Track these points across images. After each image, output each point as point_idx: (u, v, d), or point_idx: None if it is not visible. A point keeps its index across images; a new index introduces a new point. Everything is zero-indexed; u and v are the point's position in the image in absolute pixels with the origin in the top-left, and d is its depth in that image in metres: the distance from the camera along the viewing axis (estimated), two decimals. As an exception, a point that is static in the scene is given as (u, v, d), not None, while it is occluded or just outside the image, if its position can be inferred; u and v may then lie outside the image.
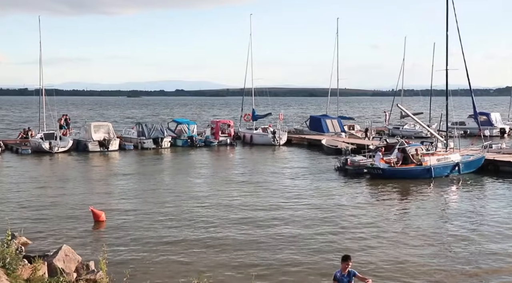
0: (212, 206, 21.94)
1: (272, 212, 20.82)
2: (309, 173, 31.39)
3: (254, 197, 23.83)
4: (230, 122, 53.96)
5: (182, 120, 54.33)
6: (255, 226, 18.60)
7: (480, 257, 15.12)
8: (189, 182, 28.53)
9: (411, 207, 22.51)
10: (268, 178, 29.63)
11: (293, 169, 33.28)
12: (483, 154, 31.55)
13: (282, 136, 48.71)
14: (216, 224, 18.91)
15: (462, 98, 70.73)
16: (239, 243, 16.48)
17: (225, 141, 48.59)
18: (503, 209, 21.46)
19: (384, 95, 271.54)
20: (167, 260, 14.90)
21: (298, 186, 26.98)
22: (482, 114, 54.05)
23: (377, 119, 78.49)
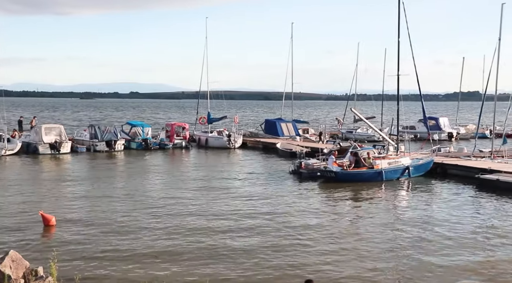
0: (166, 211, 21.58)
1: (226, 218, 20.67)
2: (263, 177, 31.53)
3: (209, 202, 23.54)
4: (185, 125, 53.62)
5: (137, 122, 53.54)
6: (209, 233, 18.13)
7: (430, 258, 15.57)
8: (142, 186, 28.07)
9: (362, 210, 22.94)
10: (223, 182, 29.59)
11: (248, 173, 33.35)
12: (432, 158, 32.57)
13: (237, 139, 48.80)
14: (170, 232, 18.62)
15: (412, 103, 72.91)
16: (191, 253, 15.92)
17: (180, 144, 48.24)
18: (451, 211, 22.18)
19: (338, 99, 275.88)
20: (118, 267, 14.58)
21: (252, 190, 27.05)
22: (431, 118, 55.81)
23: (331, 123, 79.75)
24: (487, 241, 17.60)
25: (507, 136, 41.18)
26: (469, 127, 64.02)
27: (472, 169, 30.09)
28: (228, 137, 48.79)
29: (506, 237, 17.95)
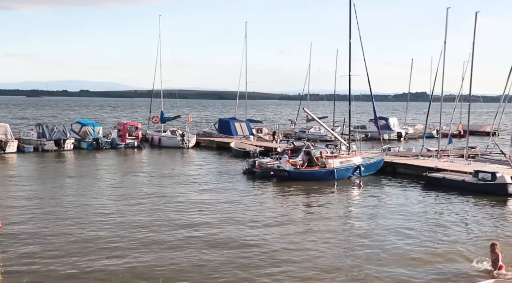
0: (118, 215, 21.16)
1: (179, 217, 20.53)
2: (217, 176, 31.45)
3: (161, 203, 23.23)
4: (138, 124, 52.81)
5: (87, 121, 52.29)
6: (159, 235, 17.74)
7: (381, 253, 15.93)
8: (91, 187, 27.37)
9: (315, 208, 23.25)
10: (176, 182, 29.32)
11: (201, 172, 33.19)
12: (382, 157, 33.37)
13: (191, 138, 48.47)
14: (118, 234, 18.35)
15: (363, 103, 74.43)
16: (140, 255, 15.51)
17: (132, 144, 47.44)
18: (400, 208, 22.80)
19: (291, 99, 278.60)
20: (64, 271, 14.12)
21: (206, 189, 26.93)
22: (381, 118, 57.15)
23: (284, 122, 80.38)
24: (433, 235, 18.22)
25: (453, 136, 42.72)
26: (417, 127, 65.98)
27: (420, 168, 31.01)
28: (181, 136, 48.39)
29: (450, 232, 18.61)
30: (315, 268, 14.55)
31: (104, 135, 48.39)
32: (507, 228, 19.47)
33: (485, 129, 60.24)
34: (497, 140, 39.30)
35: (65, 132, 44.46)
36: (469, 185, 26.44)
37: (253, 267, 14.58)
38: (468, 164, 31.97)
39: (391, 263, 14.98)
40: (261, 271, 14.22)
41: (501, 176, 25.76)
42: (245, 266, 14.61)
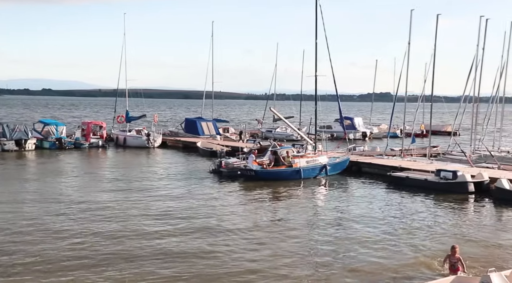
0: (83, 216, 20.74)
1: (145, 219, 20.29)
2: (184, 176, 31.24)
3: (125, 204, 22.84)
4: (103, 123, 51.99)
5: (50, 121, 51.16)
6: (123, 238, 17.33)
7: (346, 250, 16.13)
8: (54, 189, 26.74)
9: (281, 208, 23.35)
10: (141, 183, 28.97)
11: (167, 172, 32.92)
12: (348, 156, 33.79)
13: (156, 138, 48.06)
14: (83, 236, 18.00)
15: (329, 103, 75.18)
16: (102, 261, 15.03)
17: (96, 143, 46.68)
18: (365, 206, 23.14)
19: (257, 99, 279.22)
20: (22, 277, 13.71)
21: (172, 190, 26.73)
22: (346, 118, 57.87)
23: (251, 122, 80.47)
24: (396, 231, 18.58)
25: (416, 136, 43.57)
26: (382, 127, 67.14)
27: (384, 167, 31.54)
28: (147, 136, 47.93)
29: (411, 231, 18.95)
30: (281, 269, 14.60)
31: (67, 134, 47.48)
32: (467, 226, 19.99)
33: (447, 129, 61.70)
34: (458, 140, 40.31)
35: (26, 132, 43.40)
36: (432, 184, 27.05)
37: (219, 268, 14.53)
38: (430, 163, 32.68)
39: (353, 263, 15.13)
40: (226, 271, 14.19)
41: (461, 175, 26.45)
42: (210, 268, 14.55)
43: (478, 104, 37.50)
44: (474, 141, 37.23)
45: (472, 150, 36.29)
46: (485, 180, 26.46)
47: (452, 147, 38.54)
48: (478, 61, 36.28)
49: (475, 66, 36.31)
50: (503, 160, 33.65)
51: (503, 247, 16.94)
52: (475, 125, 37.30)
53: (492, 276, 10.66)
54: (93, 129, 48.84)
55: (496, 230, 19.37)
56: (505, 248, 16.75)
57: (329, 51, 34.07)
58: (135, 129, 51.38)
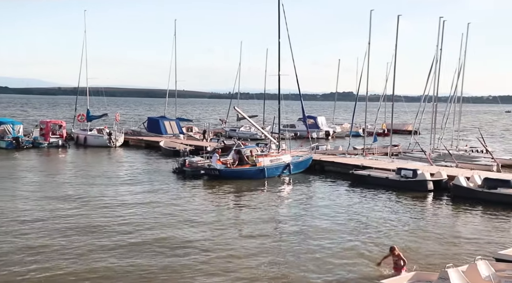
0: (34, 220, 19.95)
1: (106, 222, 19.82)
2: (146, 176, 30.85)
3: (85, 206, 22.24)
4: (62, 122, 50.78)
5: (6, 119, 49.62)
6: (81, 238, 17.12)
7: (309, 246, 16.23)
8: (8, 190, 25.80)
9: (245, 207, 23.31)
10: (103, 183, 28.42)
11: (130, 172, 32.42)
12: (311, 155, 34.06)
13: (118, 137, 47.32)
14: (37, 238, 17.54)
15: (292, 102, 75.66)
16: (61, 264, 14.61)
17: (56, 143, 45.55)
18: (328, 204, 23.37)
19: (221, 98, 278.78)
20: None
21: (134, 189, 26.34)
22: (310, 117, 58.35)
23: (215, 121, 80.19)
24: (357, 227, 18.91)
25: (377, 135, 44.31)
26: (344, 126, 67.98)
27: (346, 165, 31.92)
28: (108, 135, 47.12)
29: (372, 224, 19.38)
30: (245, 267, 14.58)
31: (25, 133, 46.17)
32: (426, 223, 20.44)
33: (407, 128, 63.02)
34: (418, 139, 41.21)
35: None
36: (392, 182, 27.54)
37: (181, 269, 14.39)
38: (391, 161, 33.30)
39: (312, 261, 15.20)
40: (188, 274, 14.06)
41: (421, 173, 27.03)
42: (170, 268, 14.40)
43: (437, 103, 38.44)
44: (433, 140, 38.16)
45: (431, 149, 37.18)
46: (443, 178, 27.12)
47: (413, 146, 39.39)
48: (437, 62, 37.22)
49: (435, 67, 37.25)
50: (460, 158, 34.61)
51: (461, 243, 17.38)
52: (434, 124, 38.23)
53: (450, 272, 10.90)
54: (53, 128, 47.66)
55: (453, 227, 19.88)
56: (463, 244, 17.20)
57: (291, 50, 34.29)
58: (96, 128, 50.42)
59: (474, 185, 25.17)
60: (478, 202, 23.59)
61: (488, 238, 18.00)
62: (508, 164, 34.92)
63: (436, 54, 37.16)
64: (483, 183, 24.82)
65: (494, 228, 19.63)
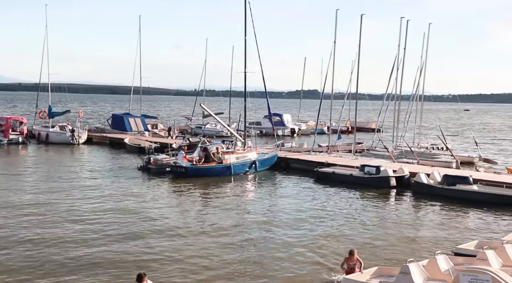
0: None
1: (67, 221, 19.45)
2: (111, 173, 30.45)
3: (46, 206, 21.66)
4: (23, 119, 49.62)
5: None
6: (43, 244, 16.33)
7: (275, 241, 16.38)
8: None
9: (212, 204, 23.32)
10: (64, 181, 27.88)
11: (93, 170, 31.93)
12: (276, 152, 34.28)
13: (81, 134, 46.56)
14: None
15: (258, 100, 75.86)
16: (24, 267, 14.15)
17: (16, 140, 44.48)
18: (293, 201, 23.61)
19: (187, 95, 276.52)
20: None
21: (98, 188, 25.94)
22: (275, 115, 58.68)
23: (180, 118, 79.64)
24: (320, 224, 19.16)
25: (342, 132, 44.94)
26: (310, 124, 68.61)
27: (311, 163, 32.28)
28: (71, 132, 46.28)
29: (336, 221, 19.71)
30: (209, 267, 14.61)
31: (-17, 130, 44.85)
32: (388, 219, 20.88)
33: (371, 125, 64.07)
34: (381, 136, 41.96)
35: None
36: (356, 178, 28.01)
37: (146, 269, 14.31)
38: (355, 159, 33.85)
39: (275, 257, 15.34)
40: (155, 273, 14.00)
41: (384, 170, 27.58)
42: (136, 269, 14.31)
43: (400, 102, 39.28)
44: (396, 138, 38.97)
45: (394, 146, 37.99)
46: (405, 174, 27.73)
47: (376, 143, 40.13)
48: (399, 61, 38.04)
49: (397, 66, 38.05)
50: (422, 155, 35.49)
51: (421, 238, 17.85)
52: (397, 122, 39.03)
53: (411, 266, 11.20)
54: (13, 124, 46.50)
55: (415, 223, 20.38)
56: (423, 239, 17.66)
57: (258, 48, 34.39)
58: (58, 125, 49.42)
59: (434, 182, 25.86)
60: (438, 198, 24.25)
61: (447, 233, 18.55)
62: (467, 161, 36.02)
63: (399, 54, 37.98)
64: (442, 180, 25.51)
65: (453, 223, 20.23)
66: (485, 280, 10.47)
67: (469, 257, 12.99)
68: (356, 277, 12.12)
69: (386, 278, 11.99)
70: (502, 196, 23.50)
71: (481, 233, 18.62)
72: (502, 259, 12.37)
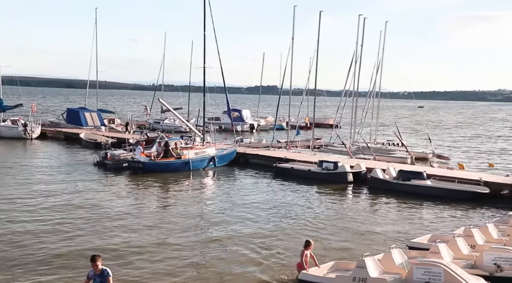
0: None
1: (19, 218, 18.87)
2: (65, 169, 29.70)
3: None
4: (-28, 112, 47.68)
5: None
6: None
7: (234, 237, 16.36)
8: None
9: (170, 201, 23.12)
10: (16, 176, 26.95)
11: (47, 165, 31.07)
12: (235, 148, 34.25)
13: (35, 129, 45.21)
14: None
15: (217, 95, 75.57)
16: None
17: (-36, 134, 42.78)
18: (251, 196, 23.65)
19: (145, 89, 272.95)
20: None
21: (52, 184, 25.24)
22: (234, 110, 58.54)
23: (138, 113, 78.42)
24: (278, 219, 19.21)
25: (300, 128, 45.32)
26: (269, 119, 68.86)
27: (270, 158, 32.41)
28: (24, 126, 44.86)
29: (293, 215, 19.80)
30: (169, 259, 14.48)
31: None
32: (344, 214, 21.21)
33: (329, 121, 64.88)
34: (339, 132, 42.57)
35: None
36: (315, 174, 28.32)
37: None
38: (313, 154, 34.20)
39: (233, 253, 15.36)
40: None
41: (341, 166, 27.99)
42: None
43: (357, 98, 39.90)
44: (353, 134, 39.59)
45: (351, 142, 38.58)
46: (362, 170, 28.23)
47: (334, 139, 40.65)
48: (357, 58, 38.61)
49: (355, 62, 38.61)
50: (378, 151, 36.19)
51: (377, 232, 18.21)
52: (354, 118, 39.66)
53: (367, 260, 11.41)
54: (-39, 118, 44.72)
55: (370, 217, 20.75)
56: (379, 234, 18.02)
57: (217, 43, 34.18)
58: (10, 119, 47.82)
59: (389, 177, 26.42)
60: (393, 193, 24.79)
61: (402, 228, 18.99)
62: (421, 157, 36.97)
63: (356, 51, 38.56)
64: (398, 175, 26.10)
65: (407, 218, 20.74)
66: (437, 272, 10.77)
67: (422, 251, 13.34)
68: (313, 272, 12.24)
69: (343, 272, 12.17)
70: (454, 191, 24.25)
71: (434, 227, 19.17)
72: (453, 252, 12.75)
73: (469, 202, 23.16)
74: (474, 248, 13.39)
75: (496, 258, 11.92)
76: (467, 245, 13.30)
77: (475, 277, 11.10)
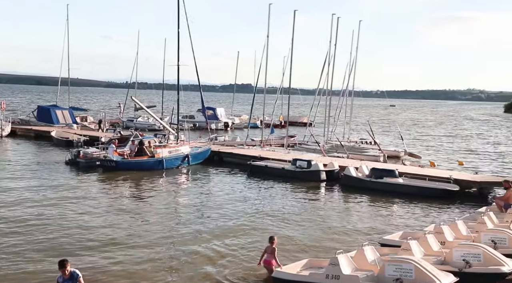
0: None
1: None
2: (36, 167, 29.17)
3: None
4: None
5: None
6: None
7: (205, 235, 16.32)
8: None
9: (143, 199, 22.89)
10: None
11: (17, 163, 30.45)
12: (210, 146, 34.17)
13: (4, 127, 44.33)
14: None
15: (192, 93, 75.23)
16: None
17: None
18: (226, 195, 23.62)
19: (118, 87, 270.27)
20: None
21: (22, 183, 24.77)
22: (209, 108, 58.46)
23: (111, 111, 77.52)
24: (252, 217, 19.27)
25: (275, 126, 45.48)
26: (243, 118, 68.93)
27: (244, 156, 32.42)
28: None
29: (267, 214, 19.87)
30: (141, 260, 14.38)
31: None
32: (317, 212, 21.35)
33: (303, 120, 65.27)
34: (313, 131, 42.86)
35: None
36: (288, 172, 28.46)
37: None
38: (288, 152, 34.35)
39: (207, 250, 15.32)
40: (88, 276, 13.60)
41: (315, 164, 28.19)
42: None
43: (330, 97, 40.24)
44: (327, 132, 39.92)
45: (325, 140, 38.89)
46: (335, 168, 28.48)
47: (308, 138, 40.93)
48: (331, 57, 38.92)
49: (328, 62, 38.92)
50: (351, 149, 36.57)
51: (350, 230, 18.40)
52: (328, 117, 39.97)
53: (340, 258, 11.52)
54: None
55: (343, 215, 20.96)
56: (352, 231, 18.21)
57: (191, 40, 34.00)
58: (-22, 117, 46.75)
59: (362, 175, 26.72)
60: (366, 191, 25.08)
61: (374, 225, 19.22)
62: (394, 155, 37.51)
63: (330, 50, 38.86)
64: (370, 173, 26.42)
65: (380, 215, 21.02)
66: (408, 269, 10.95)
67: (394, 248, 13.54)
68: (287, 269, 12.32)
69: (316, 269, 12.26)
70: (425, 189, 24.68)
71: (406, 224, 19.47)
72: (424, 249, 12.98)
73: (440, 199, 23.59)
74: (444, 245, 13.65)
75: (465, 254, 12.17)
76: (437, 242, 13.55)
77: (445, 273, 11.32)
